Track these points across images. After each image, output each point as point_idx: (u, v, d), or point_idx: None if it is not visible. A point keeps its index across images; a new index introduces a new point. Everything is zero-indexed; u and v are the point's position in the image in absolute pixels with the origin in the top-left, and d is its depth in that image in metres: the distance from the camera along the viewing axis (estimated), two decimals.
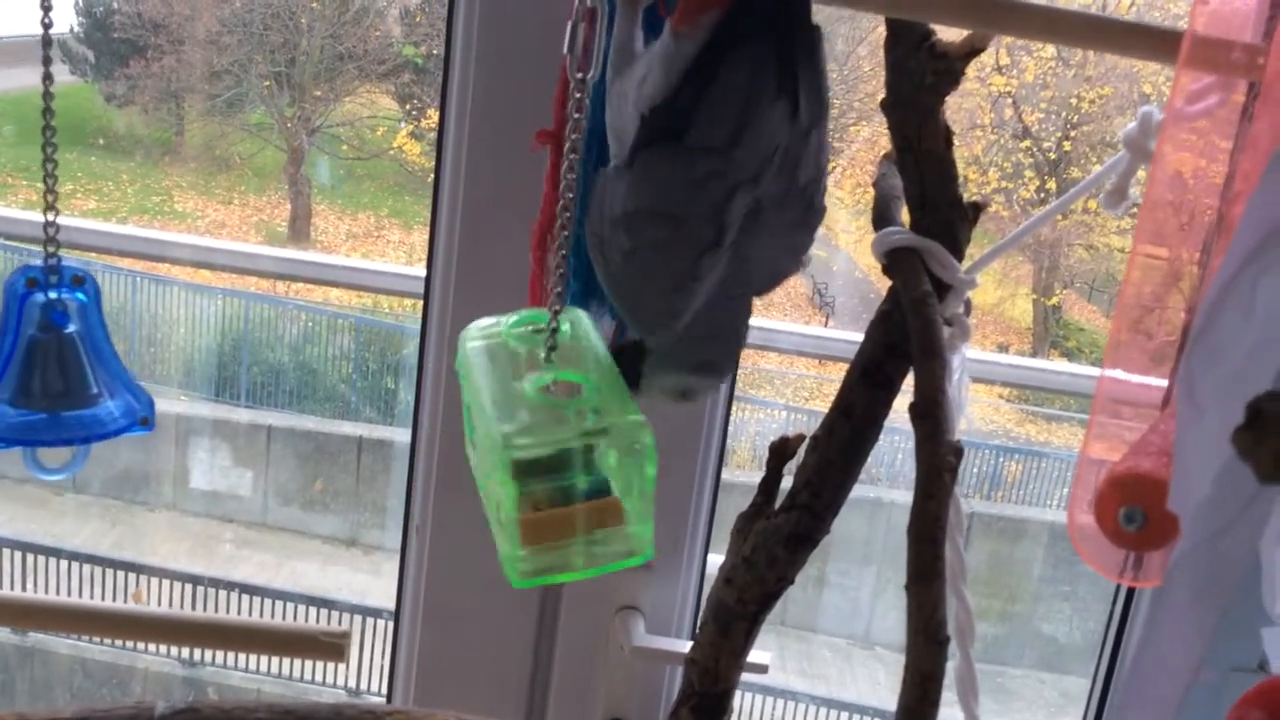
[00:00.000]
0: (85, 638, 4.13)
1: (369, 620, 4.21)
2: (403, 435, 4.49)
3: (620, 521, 0.72)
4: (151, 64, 5.43)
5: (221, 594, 4.43)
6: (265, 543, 4.75)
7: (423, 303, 1.16)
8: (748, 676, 0.98)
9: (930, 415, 0.76)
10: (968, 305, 0.86)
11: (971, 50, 0.76)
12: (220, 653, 4.17)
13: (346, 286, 4.53)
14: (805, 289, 6.01)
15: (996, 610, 4.68)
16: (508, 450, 0.68)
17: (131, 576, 4.46)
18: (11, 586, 4.39)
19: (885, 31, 0.79)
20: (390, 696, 1.25)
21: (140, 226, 5.43)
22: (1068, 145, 5.71)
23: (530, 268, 0.94)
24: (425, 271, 1.14)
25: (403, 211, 5.90)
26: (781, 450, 0.89)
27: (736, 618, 0.89)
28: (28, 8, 0.74)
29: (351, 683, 4.41)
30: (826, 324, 5.90)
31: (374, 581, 4.60)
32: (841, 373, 0.86)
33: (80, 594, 4.39)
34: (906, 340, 0.80)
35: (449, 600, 1.18)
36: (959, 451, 0.76)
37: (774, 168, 0.69)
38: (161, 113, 5.76)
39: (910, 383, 0.80)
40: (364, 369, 5.32)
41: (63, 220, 0.78)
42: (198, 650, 4.21)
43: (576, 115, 0.74)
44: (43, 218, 0.77)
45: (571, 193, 0.74)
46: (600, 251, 0.74)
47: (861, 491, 4.48)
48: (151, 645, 4.11)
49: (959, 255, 0.84)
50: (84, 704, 0.81)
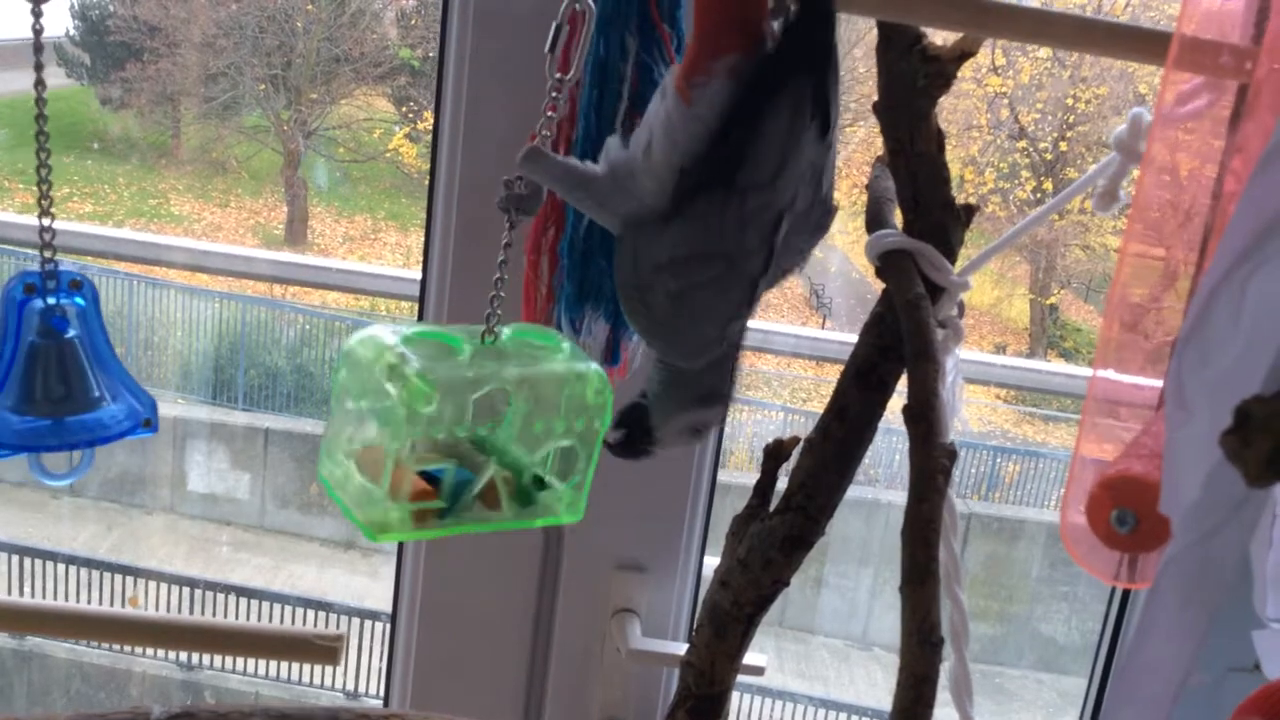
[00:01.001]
0: (82, 642, 4.12)
1: (367, 623, 4.21)
2: None
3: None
4: (147, 67, 5.43)
5: (219, 597, 4.43)
6: (263, 545, 4.75)
7: (418, 305, 1.16)
8: (746, 678, 0.98)
9: (923, 417, 0.76)
10: (961, 307, 0.86)
11: (962, 53, 0.77)
12: (218, 656, 4.17)
13: (343, 290, 4.53)
14: (802, 290, 6.01)
15: (994, 611, 4.68)
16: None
17: (129, 580, 4.45)
18: (9, 590, 4.39)
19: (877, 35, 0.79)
20: (387, 699, 1.25)
21: (136, 230, 5.43)
22: (1064, 145, 5.71)
23: (524, 270, 0.94)
24: (420, 274, 1.15)
25: (399, 214, 5.90)
26: (776, 453, 0.90)
27: (732, 620, 0.89)
28: (21, 11, 0.74)
29: (350, 685, 4.41)
30: (824, 325, 5.89)
31: (372, 584, 4.59)
32: (839, 374, 0.87)
33: (77, 598, 4.38)
34: (900, 342, 0.80)
35: (445, 603, 1.18)
36: (952, 453, 0.76)
37: (807, 184, 0.71)
38: (157, 116, 5.75)
39: (905, 384, 0.81)
40: None
41: (59, 224, 0.78)
42: (195, 653, 4.21)
43: (550, 114, 0.74)
44: (39, 223, 0.76)
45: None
46: (639, 299, 0.74)
47: (859, 492, 4.48)
48: (148, 649, 4.10)
49: (952, 257, 0.84)
50: (79, 709, 0.81)
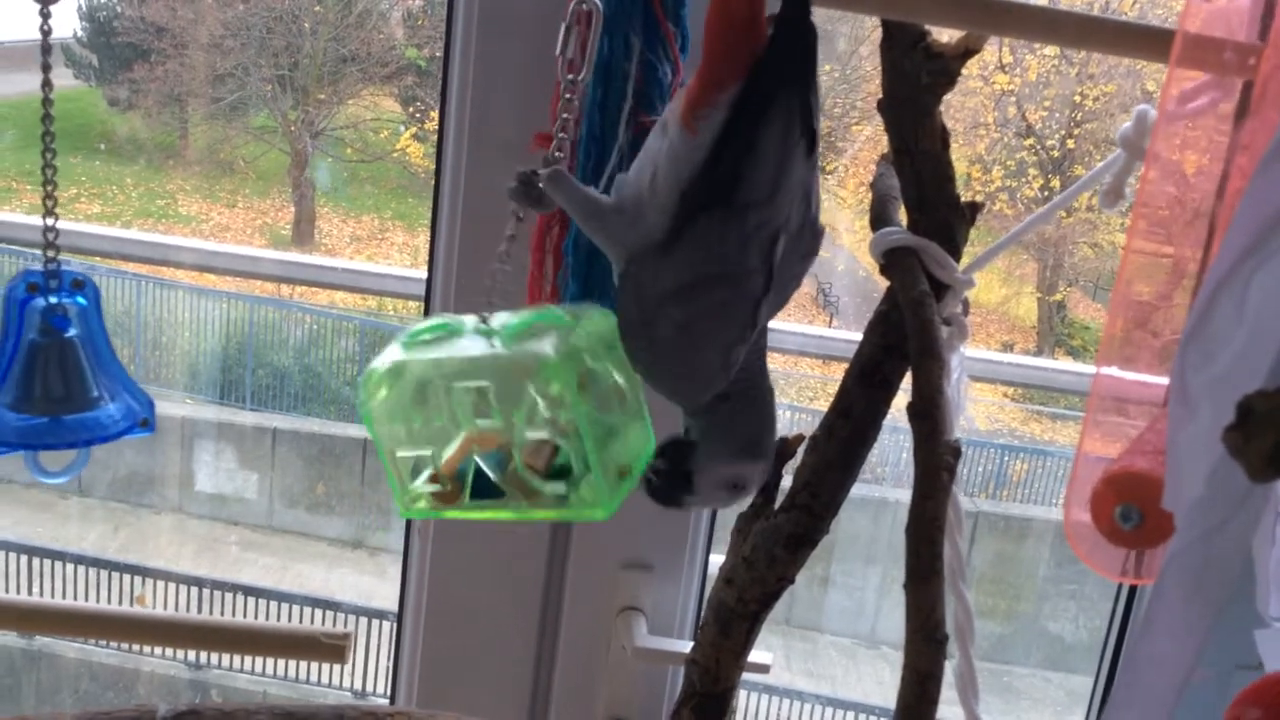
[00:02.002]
0: (90, 641, 4.13)
1: (374, 622, 4.22)
2: None
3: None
4: (155, 68, 5.44)
5: (226, 596, 4.44)
6: (270, 545, 4.76)
7: (424, 305, 1.16)
8: (754, 676, 0.99)
9: (928, 415, 0.76)
10: (966, 305, 0.86)
11: (966, 51, 0.76)
12: (226, 655, 4.18)
13: (350, 290, 4.53)
14: (809, 289, 6.01)
15: (1002, 609, 4.67)
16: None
17: (137, 579, 4.47)
18: (17, 590, 4.40)
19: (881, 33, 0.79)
20: (393, 698, 1.25)
21: (144, 230, 5.44)
22: (1071, 143, 5.70)
23: (529, 269, 0.94)
24: (426, 274, 1.15)
25: (406, 214, 5.91)
26: (781, 451, 0.89)
27: (737, 618, 0.89)
28: (29, 12, 0.75)
29: (358, 685, 4.42)
30: (830, 324, 5.89)
31: (379, 584, 4.60)
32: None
33: (85, 597, 4.40)
34: (904, 341, 0.80)
35: (452, 602, 1.18)
36: (957, 451, 0.76)
37: (798, 203, 0.71)
38: (165, 116, 5.76)
39: (910, 382, 0.81)
40: None
41: (67, 225, 0.79)
42: (203, 653, 4.22)
43: (565, 115, 0.75)
44: (47, 222, 0.77)
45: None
46: (645, 335, 0.74)
47: (866, 490, 4.48)
48: (156, 648, 4.11)
49: (956, 255, 0.84)
50: (86, 707, 0.81)
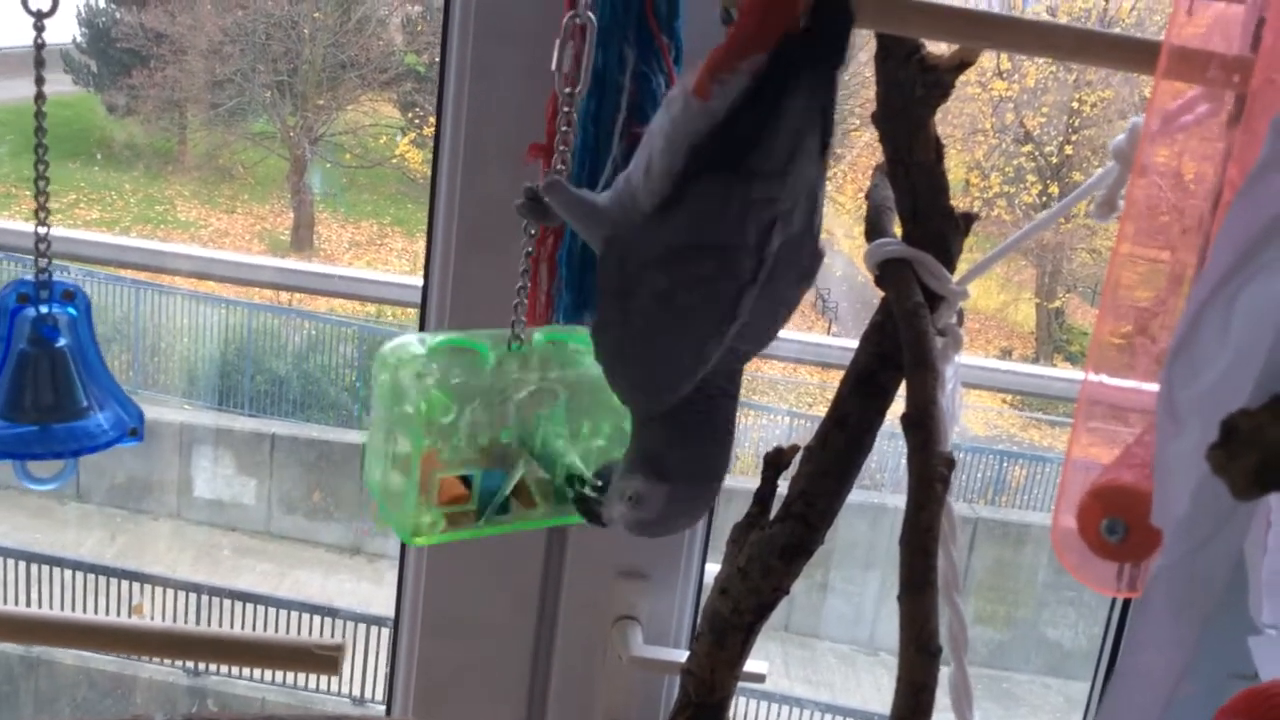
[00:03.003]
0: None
1: (373, 629, 4.22)
2: None
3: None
4: (154, 74, 5.45)
5: (224, 603, 4.43)
6: (268, 551, 4.75)
7: (419, 312, 1.16)
8: (752, 684, 0.98)
9: (922, 425, 0.76)
10: (960, 315, 0.86)
11: (961, 63, 0.77)
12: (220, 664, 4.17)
13: (348, 297, 4.54)
14: (809, 295, 6.00)
15: (1001, 615, 4.67)
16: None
17: (135, 586, 4.46)
18: (15, 597, 4.40)
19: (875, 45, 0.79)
20: (389, 706, 1.25)
21: (143, 236, 5.45)
22: (1069, 149, 5.71)
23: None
24: (422, 281, 1.15)
25: (405, 220, 5.91)
26: (776, 461, 0.90)
27: (732, 628, 0.89)
28: (27, 19, 0.75)
29: (356, 691, 4.42)
30: (829, 330, 5.89)
31: (377, 590, 4.60)
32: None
33: (84, 604, 4.39)
34: (899, 350, 0.81)
35: (448, 610, 1.18)
36: (951, 461, 0.76)
37: (803, 204, 0.69)
38: (164, 122, 5.77)
39: (905, 391, 0.81)
40: (367, 377, 5.33)
41: (66, 231, 0.79)
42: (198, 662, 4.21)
43: (565, 129, 0.75)
44: (39, 231, 0.77)
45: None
46: (620, 305, 0.71)
47: (865, 497, 4.48)
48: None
49: (951, 266, 0.84)
50: (84, 716, 0.81)
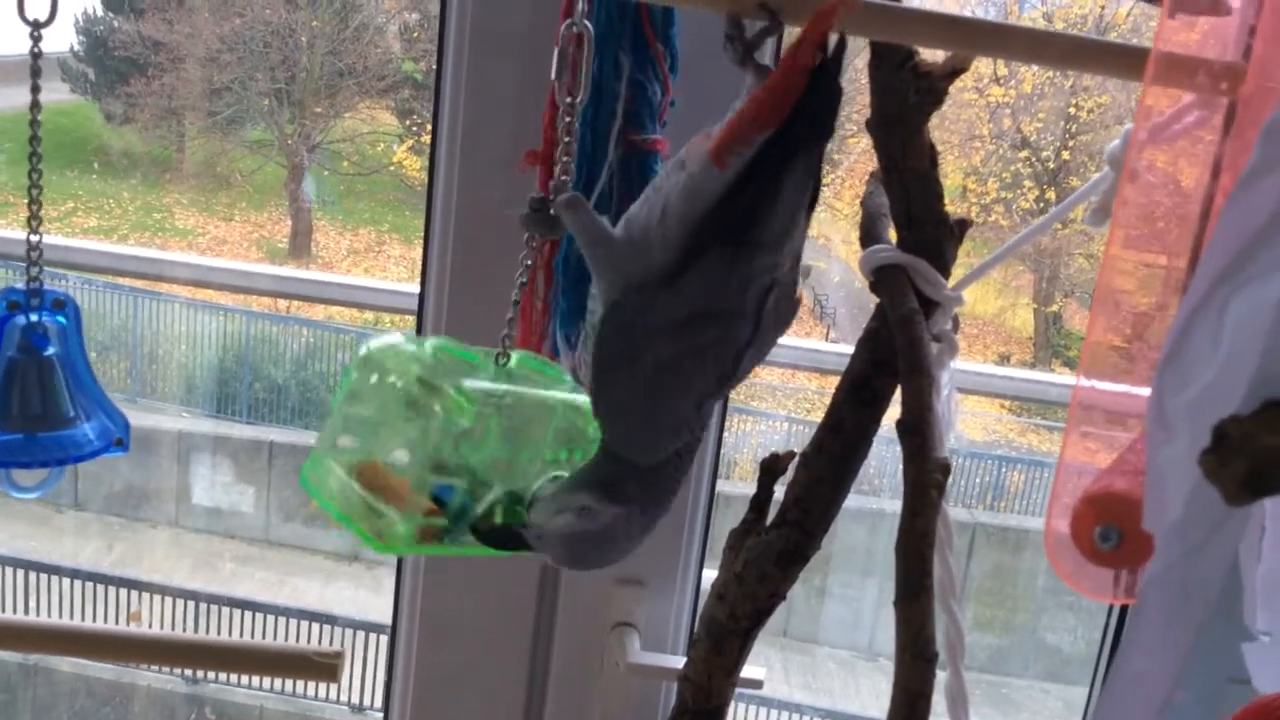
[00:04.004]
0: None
1: (371, 636, 4.21)
2: None
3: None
4: (151, 82, 5.46)
5: (223, 611, 4.43)
6: (267, 559, 4.75)
7: (416, 319, 1.16)
8: (750, 690, 0.98)
9: (917, 431, 0.76)
10: (956, 321, 0.87)
11: (954, 70, 0.77)
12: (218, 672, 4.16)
13: (346, 305, 4.54)
14: (806, 301, 6.01)
15: (1000, 620, 4.67)
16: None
17: (133, 594, 4.46)
18: (14, 605, 4.39)
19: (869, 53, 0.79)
20: (387, 714, 1.25)
21: (141, 244, 5.45)
22: (1066, 154, 5.72)
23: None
24: (419, 288, 1.15)
25: (403, 226, 5.92)
26: (772, 467, 0.90)
27: (729, 634, 0.89)
28: (24, 27, 0.75)
29: (355, 699, 4.41)
30: (827, 336, 5.90)
31: (375, 598, 4.60)
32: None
33: (82, 612, 4.39)
34: (894, 357, 0.81)
35: (445, 617, 1.18)
36: (946, 468, 0.76)
37: (792, 265, 0.72)
38: (162, 130, 5.78)
39: (900, 397, 0.81)
40: None
41: (64, 240, 0.79)
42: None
43: (567, 139, 0.75)
44: (31, 240, 0.77)
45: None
46: (625, 370, 0.73)
47: (863, 502, 4.48)
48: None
49: (945, 272, 0.84)
50: None
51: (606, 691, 1.18)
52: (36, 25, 0.71)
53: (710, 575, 1.08)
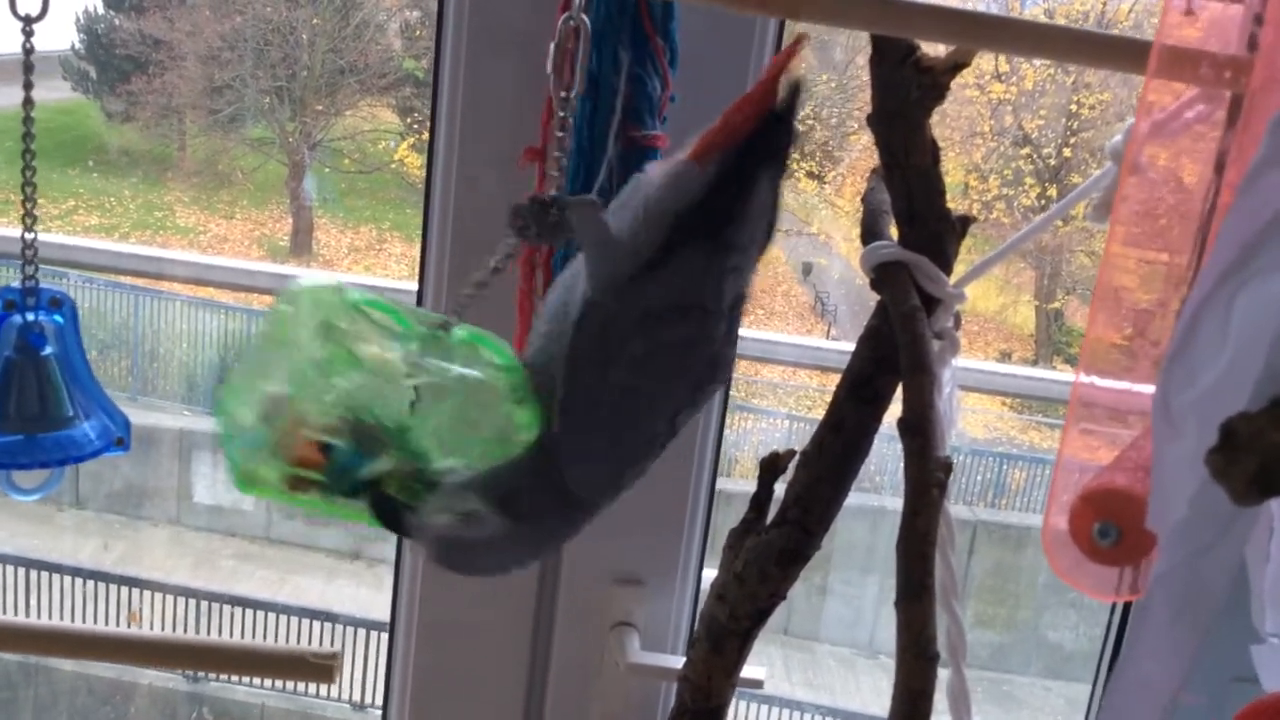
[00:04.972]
0: None
1: (372, 634, 4.21)
2: None
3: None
4: (152, 80, 5.45)
5: (223, 609, 4.43)
6: (268, 557, 4.75)
7: None
8: (750, 689, 0.98)
9: (919, 430, 0.76)
10: (957, 318, 0.86)
11: (956, 65, 0.76)
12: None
13: None
14: (807, 298, 6.01)
15: (1002, 618, 4.67)
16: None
17: (134, 592, 4.46)
18: (14, 603, 4.39)
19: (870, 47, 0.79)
20: (386, 713, 1.25)
21: (142, 242, 5.45)
22: (1068, 151, 5.71)
23: (519, 282, 0.94)
24: (417, 286, 1.15)
25: (404, 224, 5.91)
26: (772, 466, 0.89)
27: (729, 634, 0.89)
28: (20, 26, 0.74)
29: (356, 697, 4.41)
30: (828, 334, 5.89)
31: (377, 595, 4.59)
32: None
33: (82, 610, 4.39)
34: (895, 354, 0.80)
35: (444, 616, 1.18)
36: (948, 467, 0.75)
37: (749, 284, 0.73)
38: (163, 128, 5.77)
39: (902, 395, 0.80)
40: None
41: (65, 238, 0.79)
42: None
43: (560, 134, 0.74)
44: (26, 238, 0.77)
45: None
46: (599, 374, 0.71)
47: (864, 500, 4.48)
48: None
49: (947, 269, 0.83)
50: None
51: (606, 691, 1.18)
52: (28, 20, 0.70)
53: (710, 575, 1.08)
